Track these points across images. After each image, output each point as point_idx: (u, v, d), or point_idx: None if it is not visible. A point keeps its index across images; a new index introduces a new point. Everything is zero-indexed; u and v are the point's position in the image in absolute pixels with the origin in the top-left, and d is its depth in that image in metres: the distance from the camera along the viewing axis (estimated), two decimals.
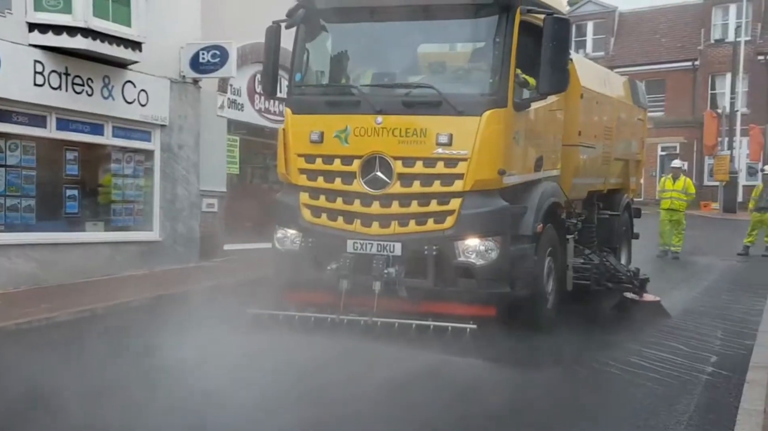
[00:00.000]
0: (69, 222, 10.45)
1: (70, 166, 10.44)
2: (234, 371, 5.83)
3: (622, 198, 10.71)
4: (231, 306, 7.59)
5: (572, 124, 8.33)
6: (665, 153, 32.33)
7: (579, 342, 7.54)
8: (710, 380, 6.40)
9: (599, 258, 9.03)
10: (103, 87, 10.35)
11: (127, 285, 9.80)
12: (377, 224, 7.04)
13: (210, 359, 6.05)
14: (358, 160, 7.06)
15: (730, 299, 10.74)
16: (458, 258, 6.85)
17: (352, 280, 6.93)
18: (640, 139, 11.30)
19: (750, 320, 8.87)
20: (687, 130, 33.25)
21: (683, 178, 15.56)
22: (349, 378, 5.82)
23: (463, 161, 6.83)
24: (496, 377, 6.13)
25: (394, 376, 5.88)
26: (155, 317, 7.76)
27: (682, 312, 9.46)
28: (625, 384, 6.26)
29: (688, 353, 7.29)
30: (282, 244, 7.44)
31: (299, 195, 7.36)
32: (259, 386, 5.56)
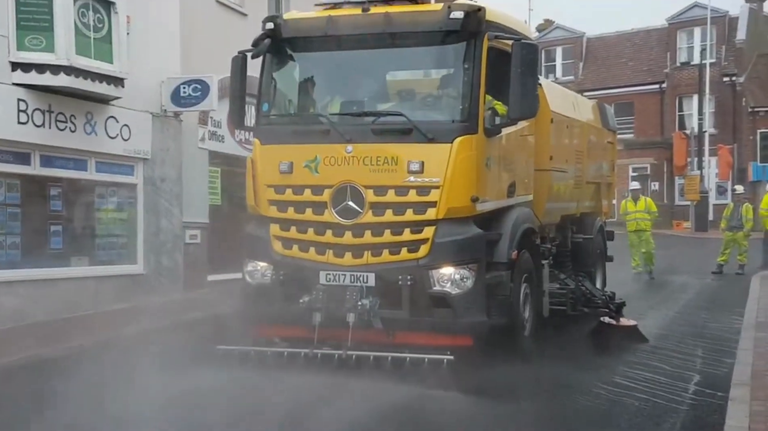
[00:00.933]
0: (54, 258, 10.51)
1: (54, 202, 10.53)
2: (202, 412, 5.62)
3: (594, 221, 10.70)
4: (209, 341, 7.35)
5: (543, 149, 8.30)
6: (637, 174, 32.79)
7: (560, 368, 7.46)
8: (694, 398, 6.48)
9: (574, 282, 8.97)
10: (86, 123, 10.50)
11: (109, 320, 9.77)
12: (350, 254, 6.90)
13: (176, 400, 5.83)
14: (328, 190, 6.93)
15: (708, 317, 10.88)
16: (433, 287, 6.73)
17: (325, 313, 6.76)
18: (610, 162, 11.34)
19: (729, 338, 8.97)
20: (657, 151, 33.81)
21: (643, 198, 15.97)
22: (323, 415, 5.64)
23: (435, 189, 6.74)
24: (476, 409, 6.01)
25: (370, 412, 5.72)
26: (133, 354, 7.50)
27: (662, 331, 9.57)
28: (611, 404, 6.30)
29: (671, 372, 7.37)
30: (252, 277, 7.25)
31: (269, 226, 7.19)
32: (226, 426, 5.37)
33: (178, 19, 11.78)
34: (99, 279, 10.85)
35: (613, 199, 12.00)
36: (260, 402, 5.83)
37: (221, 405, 5.83)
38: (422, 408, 5.90)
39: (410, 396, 6.07)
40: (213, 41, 12.25)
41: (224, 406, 5.80)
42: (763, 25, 36.32)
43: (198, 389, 6.11)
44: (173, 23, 11.74)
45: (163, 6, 11.58)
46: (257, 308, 7.18)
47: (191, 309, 10.44)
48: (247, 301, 7.27)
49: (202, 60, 12.00)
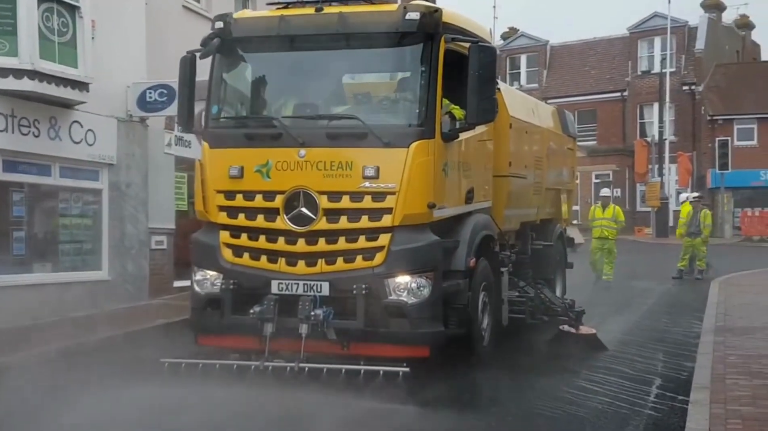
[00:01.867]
0: (16, 264, 10.29)
1: (17, 207, 10.33)
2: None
3: (555, 227, 10.61)
4: (164, 352, 7.10)
5: (502, 155, 8.17)
6: (599, 181, 33.28)
7: (520, 376, 7.35)
8: (656, 401, 6.55)
9: (534, 290, 8.84)
10: (49, 128, 10.31)
11: (71, 327, 9.48)
12: (303, 263, 6.66)
13: (113, 417, 5.54)
14: (280, 196, 6.68)
15: (669, 322, 10.93)
16: (389, 296, 6.52)
17: (277, 324, 6.50)
18: (570, 168, 11.28)
19: (689, 342, 9.06)
20: (619, 158, 34.34)
21: (612, 206, 15.65)
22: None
23: (391, 195, 6.53)
24: (434, 423, 5.80)
25: (321, 427, 5.47)
26: (82, 365, 7.38)
27: (624, 335, 9.64)
28: (576, 407, 6.32)
29: (633, 376, 7.43)
30: (202, 287, 6.96)
31: (219, 234, 6.91)
32: None
33: (143, 23, 11.60)
34: (63, 286, 10.59)
35: (574, 206, 11.88)
36: (199, 419, 5.52)
37: (152, 422, 5.52)
38: (377, 424, 5.68)
39: (364, 411, 5.84)
40: (179, 46, 11.76)
41: (156, 424, 5.48)
42: (721, 35, 37.08)
43: (134, 405, 5.81)
44: (139, 27, 11.55)
45: (128, 10, 11.40)
46: (206, 319, 6.88)
47: (155, 316, 10.25)
48: (195, 312, 6.96)
49: (169, 65, 11.59)
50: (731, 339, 8.52)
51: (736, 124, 33.45)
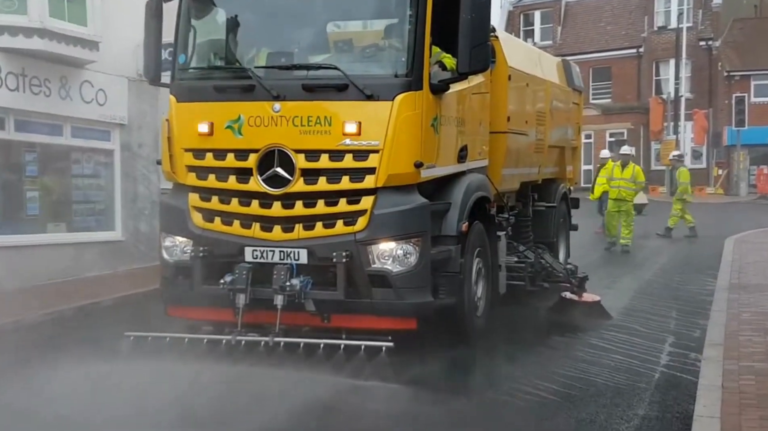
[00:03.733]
0: (31, 224, 10.51)
1: (30, 167, 10.50)
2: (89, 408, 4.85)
3: (558, 188, 9.98)
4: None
5: (500, 109, 7.53)
6: (613, 139, 32.91)
7: (517, 347, 6.89)
8: (669, 358, 6.56)
9: (534, 255, 8.27)
10: (60, 87, 10.40)
11: (89, 286, 9.90)
12: (279, 228, 6.10)
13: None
14: (254, 155, 6.10)
15: (682, 280, 10.83)
16: (372, 265, 5.96)
17: (250, 294, 5.97)
18: (575, 125, 10.59)
19: (703, 300, 9.01)
20: (634, 116, 33.99)
21: (632, 165, 14.70)
22: (234, 412, 4.91)
23: (374, 153, 5.93)
24: (417, 402, 5.29)
25: (291, 408, 5.02)
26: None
27: (637, 293, 9.64)
28: (587, 364, 6.34)
29: (646, 334, 7.46)
30: (171, 254, 6.43)
31: (188, 196, 6.35)
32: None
33: None
34: (77, 246, 10.78)
35: (587, 165, 11.33)
36: (160, 397, 5.04)
37: (107, 397, 5.06)
38: (355, 402, 5.19)
39: (341, 389, 5.37)
40: None
41: (112, 400, 5.01)
42: None
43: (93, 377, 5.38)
44: None
45: None
46: (176, 289, 6.36)
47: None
48: (165, 281, 6.44)
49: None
50: (745, 296, 8.47)
51: (753, 80, 32.77)
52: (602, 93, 36.04)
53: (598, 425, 4.95)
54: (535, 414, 5.23)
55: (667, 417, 5.09)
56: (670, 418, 5.07)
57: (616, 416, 5.10)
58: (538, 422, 5.14)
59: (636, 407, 5.27)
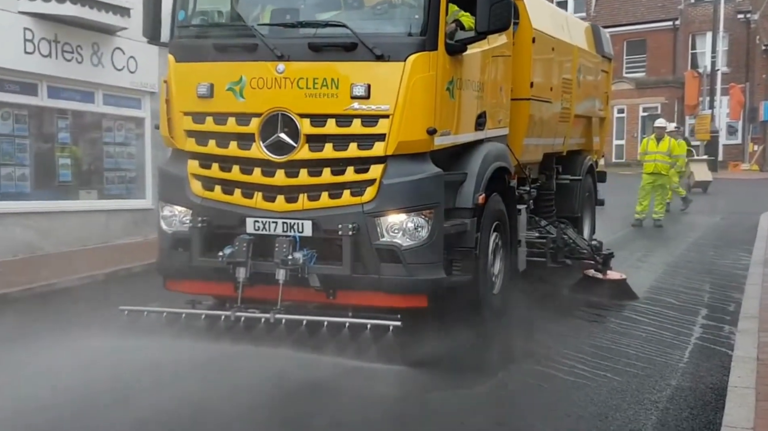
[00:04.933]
0: (63, 191, 10.71)
1: (62, 134, 10.71)
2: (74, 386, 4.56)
3: (584, 160, 9.47)
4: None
5: (523, 74, 7.04)
6: (647, 114, 32.35)
7: (536, 326, 6.53)
8: (703, 330, 6.54)
9: (557, 230, 7.82)
10: (92, 54, 10.59)
11: (121, 252, 10.04)
12: (282, 198, 5.72)
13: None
14: (256, 119, 5.70)
15: (716, 255, 10.76)
16: (381, 238, 5.56)
17: (251, 268, 5.62)
18: (604, 94, 10.03)
19: (737, 274, 8.93)
20: (668, 90, 33.30)
21: (667, 138, 14.24)
22: (230, 393, 4.58)
23: (384, 118, 5.50)
24: (424, 389, 4.94)
25: (290, 389, 4.71)
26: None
27: (670, 267, 9.61)
28: (619, 335, 6.29)
29: (678, 306, 7.41)
30: (169, 224, 6.08)
31: (187, 163, 5.98)
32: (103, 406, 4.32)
33: None
34: (108, 213, 11.03)
35: (619, 140, 10.90)
36: (153, 375, 4.73)
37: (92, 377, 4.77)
38: (357, 385, 4.85)
39: (343, 370, 5.03)
40: None
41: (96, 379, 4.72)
42: None
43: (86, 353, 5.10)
44: None
45: None
46: (174, 261, 6.03)
47: None
48: (162, 253, 6.11)
49: None
50: None
51: None
52: (636, 66, 35.35)
53: (629, 394, 4.87)
54: (558, 389, 5.06)
55: (700, 387, 5.02)
56: (703, 389, 4.99)
57: (648, 386, 5.03)
58: (562, 395, 4.95)
59: (668, 377, 5.22)
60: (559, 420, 4.54)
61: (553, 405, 4.78)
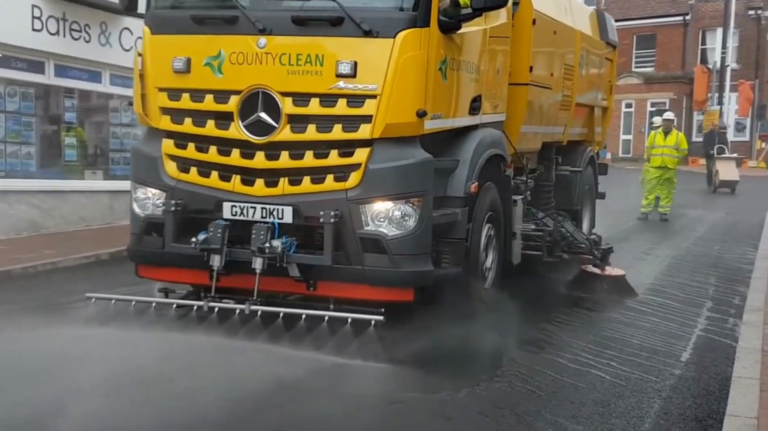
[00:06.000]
0: (68, 170, 10.74)
1: (69, 113, 10.70)
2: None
3: (585, 151, 9.11)
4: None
5: (522, 57, 6.68)
6: (655, 109, 32.18)
7: (528, 322, 6.17)
8: (707, 322, 6.52)
9: (554, 223, 7.47)
10: (100, 34, 10.62)
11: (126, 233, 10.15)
12: (262, 182, 5.37)
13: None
14: (235, 97, 5.35)
15: (722, 249, 10.78)
16: (365, 227, 5.21)
17: (226, 255, 5.28)
18: (607, 83, 9.65)
19: (743, 268, 8.97)
20: (677, 85, 33.17)
21: (675, 132, 14.06)
22: (197, 390, 4.23)
23: (371, 98, 5.15)
24: (405, 389, 4.60)
25: (261, 386, 4.36)
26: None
27: (675, 260, 9.60)
28: (624, 326, 6.27)
29: (683, 298, 7.39)
30: (143, 208, 5.74)
31: (161, 142, 5.63)
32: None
33: None
34: (113, 194, 10.88)
35: (626, 135, 10.62)
36: (115, 369, 4.38)
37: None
38: (333, 383, 4.51)
39: (320, 367, 4.69)
40: None
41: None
42: None
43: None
44: None
45: None
46: (147, 246, 5.68)
47: None
48: (134, 237, 5.76)
49: None
50: None
51: None
52: (645, 61, 35.20)
53: (632, 383, 4.86)
54: (561, 375, 4.98)
55: (704, 377, 5.03)
56: (707, 379, 5.00)
57: (652, 374, 5.03)
58: (564, 382, 4.85)
59: (672, 367, 5.22)
60: (560, 406, 4.45)
61: (555, 392, 4.69)
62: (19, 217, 9.81)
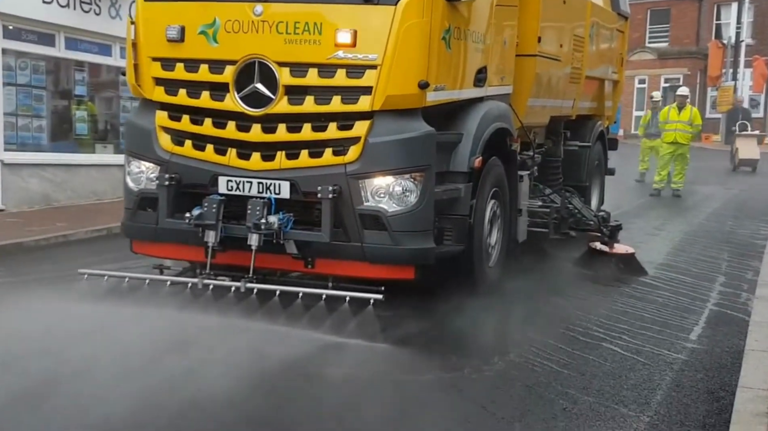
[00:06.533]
0: (79, 144, 10.80)
1: (79, 87, 10.72)
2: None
3: (594, 126, 8.87)
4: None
5: (530, 28, 6.44)
6: (668, 85, 31.74)
7: (536, 299, 6.04)
8: (720, 297, 6.45)
9: (561, 199, 7.27)
10: (110, 6, 10.63)
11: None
12: (258, 156, 5.19)
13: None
14: (231, 67, 5.16)
15: (735, 225, 10.72)
16: (364, 202, 5.03)
17: (221, 231, 5.12)
18: (619, 56, 9.37)
19: (755, 243, 8.96)
20: (691, 61, 32.86)
21: (689, 107, 13.90)
22: (187, 370, 4.08)
23: (371, 69, 4.94)
24: (403, 370, 4.43)
25: (253, 366, 4.20)
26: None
27: (687, 236, 9.57)
28: (635, 300, 6.22)
29: (696, 273, 7.33)
30: (137, 182, 5.57)
31: (155, 114, 5.45)
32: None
33: None
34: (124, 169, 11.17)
35: (639, 112, 10.36)
36: (104, 349, 4.25)
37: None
38: (328, 364, 4.36)
39: (315, 347, 4.54)
40: None
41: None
42: None
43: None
44: None
45: None
46: (141, 222, 5.52)
47: None
48: (128, 213, 5.60)
49: None
50: None
51: None
52: (659, 36, 34.73)
53: (644, 355, 4.85)
54: (573, 348, 4.93)
55: (716, 350, 5.00)
56: (719, 352, 4.98)
57: (664, 347, 5.01)
58: (576, 355, 4.79)
59: (684, 340, 5.19)
60: (571, 377, 4.42)
61: (566, 364, 4.66)
62: (31, 190, 9.88)
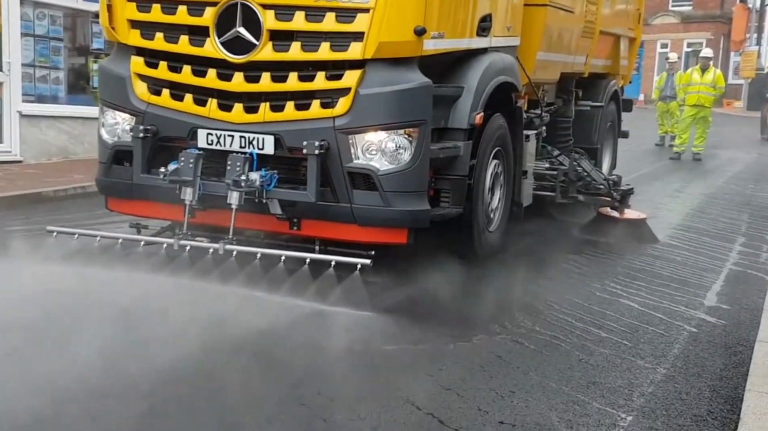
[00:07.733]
0: (96, 97, 10.98)
1: (96, 39, 10.47)
2: None
3: (608, 85, 8.38)
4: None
5: None
6: (691, 50, 30.90)
7: (539, 267, 5.67)
8: (739, 257, 6.42)
9: (570, 161, 6.84)
10: None
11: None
12: (240, 107, 4.78)
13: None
14: (211, 9, 4.73)
15: (756, 187, 10.74)
16: (354, 160, 4.63)
17: (199, 188, 4.75)
18: (635, 11, 8.83)
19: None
20: (714, 24, 32.19)
21: (712, 69, 13.57)
22: (160, 338, 3.75)
23: (363, 12, 4.51)
24: (390, 340, 4.09)
25: (230, 334, 3.88)
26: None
27: (708, 198, 9.59)
28: (653, 258, 6.16)
29: (715, 233, 7.34)
30: (111, 134, 5.18)
31: (131, 60, 5.04)
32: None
33: None
34: None
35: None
36: (68, 314, 3.91)
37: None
38: (310, 333, 4.03)
39: (297, 314, 4.20)
40: None
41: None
42: None
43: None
44: None
45: None
46: (116, 177, 5.15)
47: None
48: (103, 167, 5.22)
49: None
50: None
51: None
52: (683, 0, 33.56)
53: (661, 310, 4.83)
54: (590, 302, 4.90)
55: (735, 308, 4.99)
56: (738, 309, 4.96)
57: (682, 304, 4.99)
58: (593, 309, 4.75)
59: (702, 297, 5.18)
60: (587, 331, 4.39)
61: (581, 317, 4.63)
62: (49, 142, 9.87)
